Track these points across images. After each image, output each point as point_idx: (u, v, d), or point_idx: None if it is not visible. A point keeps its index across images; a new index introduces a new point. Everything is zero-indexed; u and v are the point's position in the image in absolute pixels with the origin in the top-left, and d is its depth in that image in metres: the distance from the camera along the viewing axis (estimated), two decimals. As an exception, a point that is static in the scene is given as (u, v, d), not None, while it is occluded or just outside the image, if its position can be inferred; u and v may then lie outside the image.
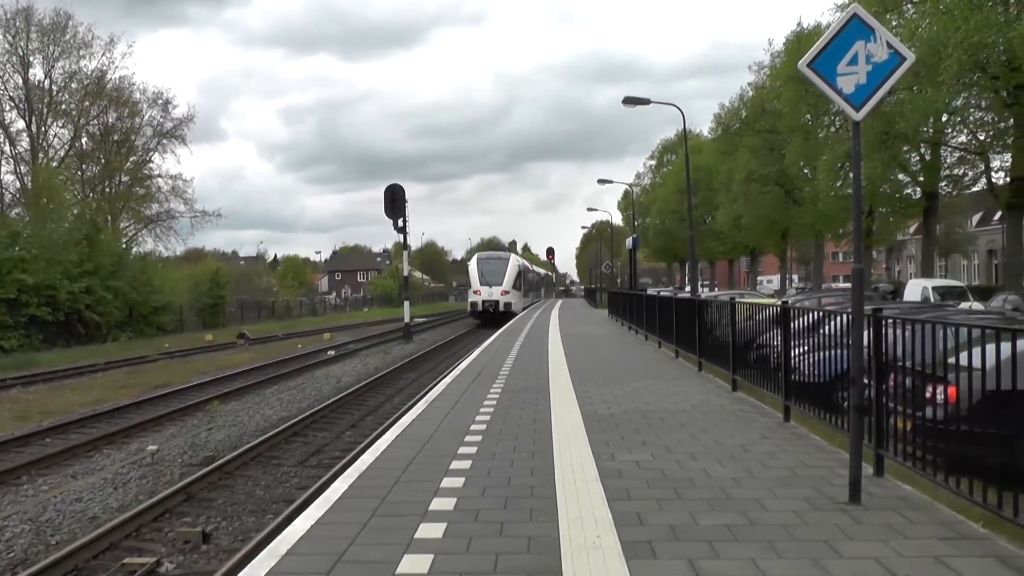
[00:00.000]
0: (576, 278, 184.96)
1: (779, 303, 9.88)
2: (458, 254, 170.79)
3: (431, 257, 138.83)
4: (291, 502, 10.19)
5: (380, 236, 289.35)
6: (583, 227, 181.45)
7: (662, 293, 24.13)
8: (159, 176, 52.59)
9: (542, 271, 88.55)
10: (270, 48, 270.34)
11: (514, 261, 51.66)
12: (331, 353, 31.45)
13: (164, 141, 51.99)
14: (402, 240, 36.45)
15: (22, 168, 46.71)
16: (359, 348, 34.18)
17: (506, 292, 48.54)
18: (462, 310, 74.95)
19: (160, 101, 52.24)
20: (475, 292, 48.75)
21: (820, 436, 8.26)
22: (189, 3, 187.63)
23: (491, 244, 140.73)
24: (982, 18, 24.52)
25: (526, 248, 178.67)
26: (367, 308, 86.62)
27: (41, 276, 34.74)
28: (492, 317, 47.05)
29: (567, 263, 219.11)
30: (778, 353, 9.42)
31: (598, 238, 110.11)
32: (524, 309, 50.78)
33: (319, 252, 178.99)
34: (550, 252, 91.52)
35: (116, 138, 50.86)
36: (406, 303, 37.76)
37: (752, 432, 8.61)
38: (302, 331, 47.17)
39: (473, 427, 9.12)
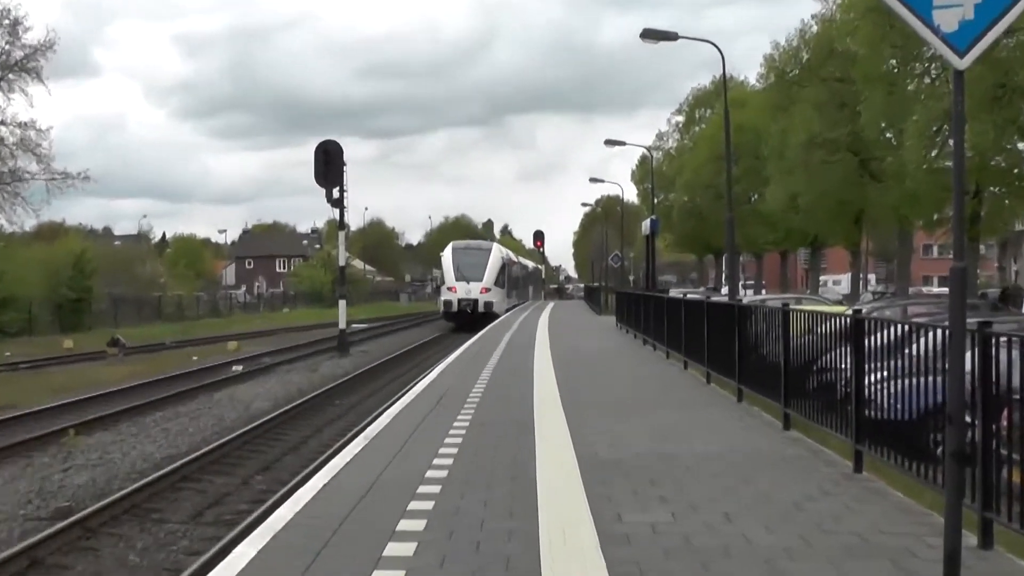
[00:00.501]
0: (573, 273, 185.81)
1: (850, 312, 9.91)
2: (413, 237, 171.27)
3: (378, 241, 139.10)
4: (177, 573, 10.19)
5: (308, 211, 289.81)
6: (584, 204, 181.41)
7: (689, 296, 24.43)
8: (2, 123, 52.35)
9: (530, 264, 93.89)
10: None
11: (497, 252, 59.44)
12: (237, 369, 31.74)
13: (11, 76, 51.70)
14: (338, 217, 36.47)
15: None
16: (276, 363, 34.48)
17: (487, 290, 54.90)
18: (420, 313, 77.01)
19: (5, 21, 52.00)
20: (449, 289, 55.35)
21: (903, 492, 8.31)
22: None
23: (461, 227, 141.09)
24: None
25: (506, 232, 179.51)
26: (288, 308, 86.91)
27: None
28: (469, 319, 52.59)
29: (561, 253, 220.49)
30: (847, 380, 9.43)
31: (603, 219, 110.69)
32: (508, 311, 56.25)
33: (224, 231, 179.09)
34: (538, 237, 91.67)
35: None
36: (342, 303, 37.81)
37: (810, 485, 8.67)
38: (199, 339, 47.50)
39: (430, 473, 9.20)
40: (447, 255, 57.61)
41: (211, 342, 46.01)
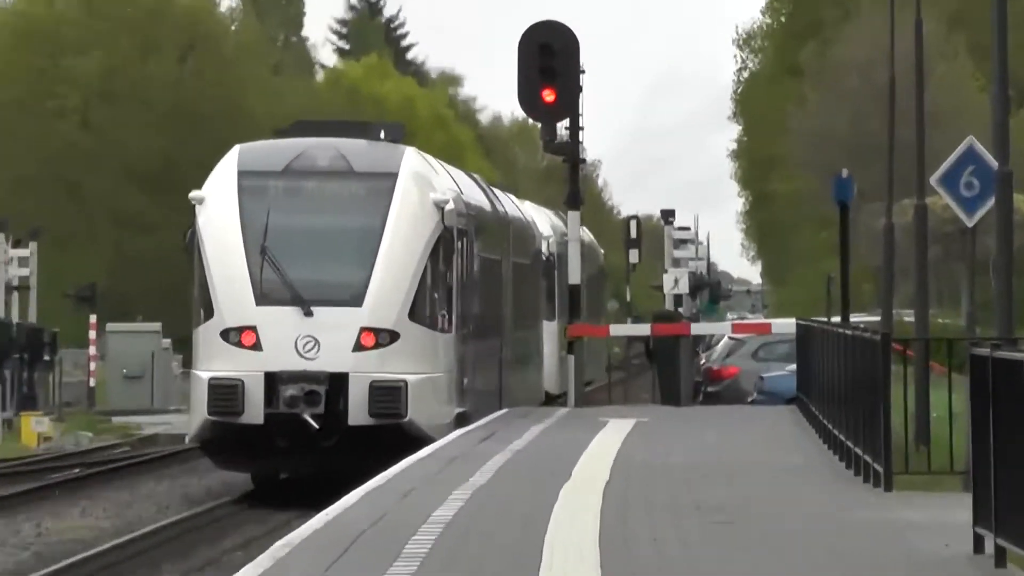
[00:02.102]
0: (732, 270, 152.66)
1: None
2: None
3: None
4: None
5: None
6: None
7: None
8: None
9: (546, 223, 42.51)
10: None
11: (422, 179, 25.29)
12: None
13: None
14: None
15: None
16: None
17: (384, 336, 23.75)
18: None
19: None
20: (230, 335, 23.75)
21: None
22: None
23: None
24: None
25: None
26: None
27: None
28: (301, 447, 23.45)
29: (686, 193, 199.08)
30: None
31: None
32: (452, 424, 24.63)
33: None
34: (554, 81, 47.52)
35: None
36: None
37: None
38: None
39: None
40: (218, 199, 24.61)
41: None
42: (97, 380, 49.17)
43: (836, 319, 27.69)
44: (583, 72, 30.79)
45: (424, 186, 24.96)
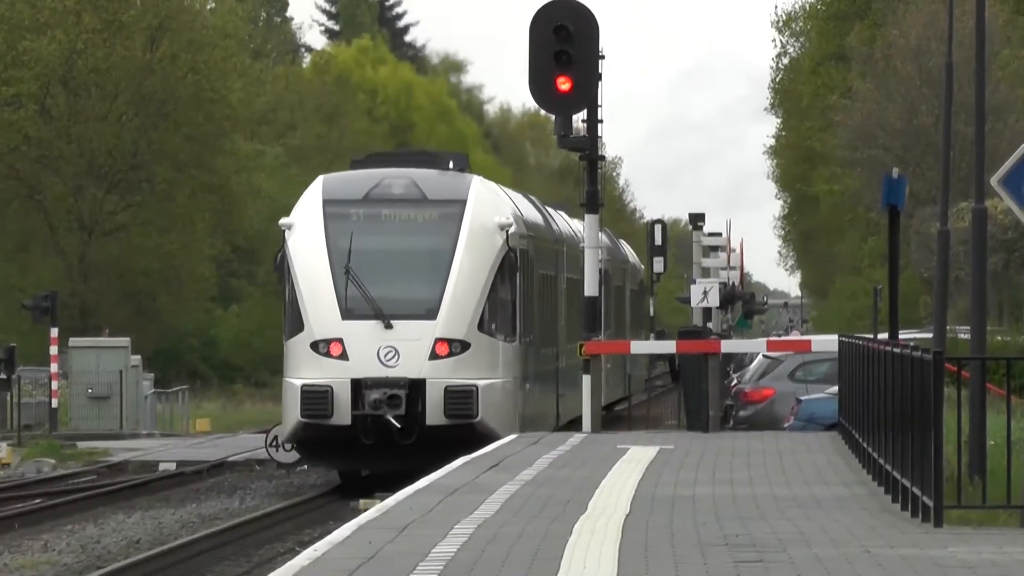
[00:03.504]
0: (767, 281, 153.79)
1: None
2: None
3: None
4: None
5: None
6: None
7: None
8: None
9: (626, 256, 56.30)
10: None
11: (487, 208, 31.49)
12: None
13: None
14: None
15: None
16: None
17: (455, 346, 30.09)
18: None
19: None
20: (320, 346, 30.00)
21: None
22: None
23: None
24: None
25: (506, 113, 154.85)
26: None
27: None
28: (385, 446, 29.71)
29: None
30: None
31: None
32: (517, 424, 30.95)
33: None
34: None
35: None
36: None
37: None
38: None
39: None
40: (306, 226, 30.83)
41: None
42: (60, 401, 49.41)
43: (884, 336, 27.82)
44: (602, 58, 30.83)
45: (490, 211, 31.51)
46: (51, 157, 72.36)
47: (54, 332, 49.12)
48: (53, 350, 49.10)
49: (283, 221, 31.64)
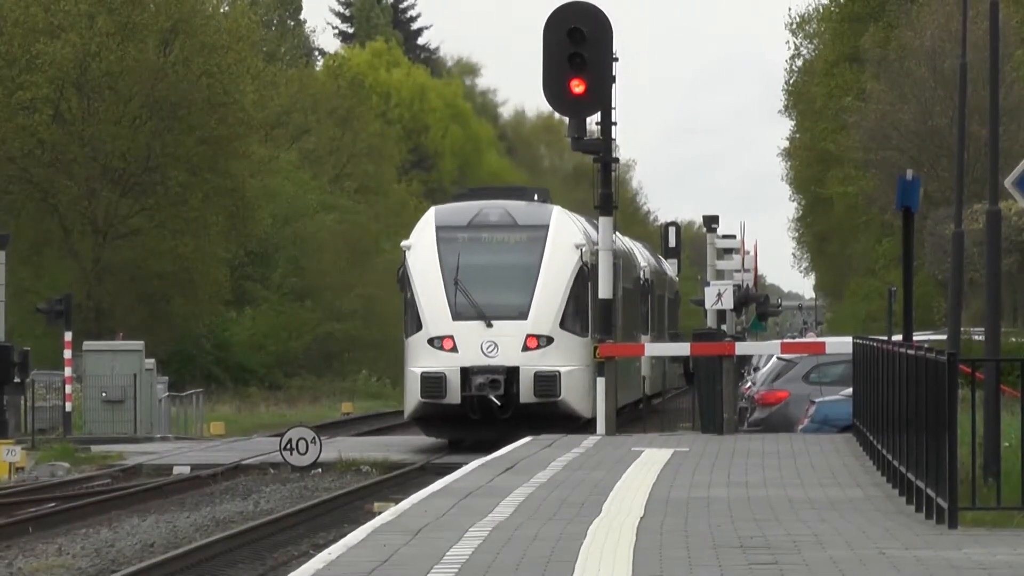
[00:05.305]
0: (782, 283, 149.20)
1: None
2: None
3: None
4: None
5: None
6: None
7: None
8: None
9: (642, 255, 56.78)
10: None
11: (568, 231, 39.04)
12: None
13: None
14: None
15: None
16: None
17: (543, 341, 37.42)
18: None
19: None
20: (435, 342, 37.56)
21: None
22: None
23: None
24: None
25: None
26: None
27: None
28: (487, 420, 37.09)
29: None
30: None
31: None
32: (591, 404, 35.03)
33: None
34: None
35: None
36: None
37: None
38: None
39: None
40: (422, 246, 38.85)
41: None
42: (74, 405, 49.11)
43: (898, 337, 27.62)
44: (616, 60, 31.06)
45: (567, 234, 39.76)
46: (65, 161, 71.76)
47: (68, 336, 48.90)
48: (67, 354, 48.86)
49: (404, 243, 40.08)
